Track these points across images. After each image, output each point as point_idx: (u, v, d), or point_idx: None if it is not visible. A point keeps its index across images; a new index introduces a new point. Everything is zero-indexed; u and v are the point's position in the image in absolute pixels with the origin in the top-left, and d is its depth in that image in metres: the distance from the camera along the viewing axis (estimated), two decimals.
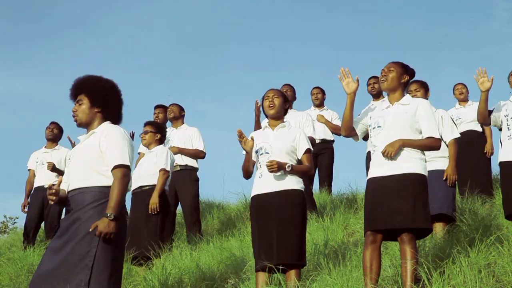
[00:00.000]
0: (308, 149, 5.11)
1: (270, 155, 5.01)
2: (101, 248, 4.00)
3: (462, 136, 8.45)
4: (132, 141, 4.32)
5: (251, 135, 5.24)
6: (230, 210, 9.47)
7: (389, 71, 4.71)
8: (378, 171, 4.58)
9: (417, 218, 4.40)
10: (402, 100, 4.71)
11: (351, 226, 7.29)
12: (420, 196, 4.46)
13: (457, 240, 5.70)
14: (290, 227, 4.88)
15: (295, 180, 5.01)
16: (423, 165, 4.58)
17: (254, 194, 5.07)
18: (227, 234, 7.68)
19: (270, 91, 5.25)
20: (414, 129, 4.60)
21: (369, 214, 4.55)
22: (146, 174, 6.84)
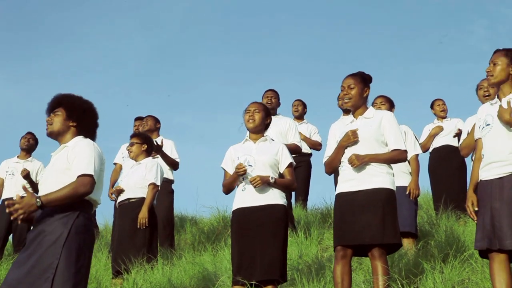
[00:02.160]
0: (291, 163, 5.16)
1: (254, 168, 5.04)
2: (63, 260, 3.97)
3: (438, 150, 8.62)
4: (102, 155, 4.30)
5: (230, 148, 5.27)
6: (203, 224, 9.45)
7: (350, 89, 4.71)
8: (346, 186, 4.61)
9: (387, 233, 4.44)
10: (365, 114, 4.75)
11: (325, 241, 7.32)
12: (389, 211, 4.50)
13: (431, 256, 5.76)
14: (273, 242, 4.90)
15: (279, 194, 5.04)
16: (391, 179, 4.62)
17: (237, 207, 5.09)
18: (200, 248, 7.66)
19: (252, 105, 5.29)
20: (379, 142, 4.64)
21: (338, 229, 4.58)
22: (134, 186, 6.82)
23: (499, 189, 4.05)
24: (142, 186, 6.78)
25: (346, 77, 4.77)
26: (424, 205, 9.25)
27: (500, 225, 3.96)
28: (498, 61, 4.25)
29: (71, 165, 4.15)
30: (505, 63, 4.24)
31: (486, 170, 4.18)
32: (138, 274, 6.25)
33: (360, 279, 5.24)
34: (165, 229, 7.77)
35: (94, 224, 8.60)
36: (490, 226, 4.03)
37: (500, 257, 4.01)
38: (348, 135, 4.60)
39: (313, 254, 6.57)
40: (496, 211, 4.01)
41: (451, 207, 7.78)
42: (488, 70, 4.29)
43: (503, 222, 3.96)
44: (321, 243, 7.29)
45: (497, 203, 4.03)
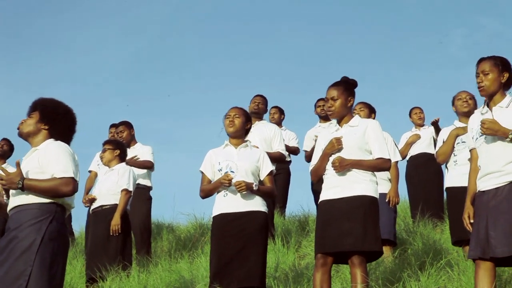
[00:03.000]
0: (271, 171, 5.20)
1: (236, 174, 5.04)
2: (37, 267, 3.95)
3: (415, 158, 8.68)
4: (75, 156, 4.29)
5: (210, 152, 5.26)
6: (180, 231, 9.42)
7: (334, 100, 4.71)
8: (330, 193, 4.63)
9: (367, 240, 4.45)
10: (351, 122, 4.76)
11: (303, 249, 7.33)
12: (370, 218, 4.52)
13: (408, 264, 5.79)
14: (253, 249, 4.91)
15: (261, 201, 5.06)
16: (374, 187, 4.65)
17: (218, 213, 5.08)
18: (176, 256, 7.63)
19: (232, 110, 5.30)
20: (364, 150, 4.66)
21: (319, 236, 4.59)
22: (107, 193, 6.79)
23: (495, 200, 4.06)
24: (114, 193, 6.77)
25: (330, 88, 4.76)
26: (401, 213, 9.29)
27: (494, 234, 3.98)
28: (489, 71, 4.19)
29: (47, 168, 4.14)
30: (496, 73, 4.20)
31: (483, 181, 4.18)
32: (114, 282, 6.22)
33: (338, 287, 5.26)
34: (142, 236, 7.75)
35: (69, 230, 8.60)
36: (484, 235, 4.04)
37: (486, 264, 4.04)
38: (333, 142, 4.63)
39: (290, 262, 6.58)
40: (491, 221, 4.02)
41: (428, 215, 7.83)
42: (480, 81, 4.22)
43: (497, 231, 3.97)
44: (298, 251, 7.30)
45: (493, 213, 4.04)
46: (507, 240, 3.93)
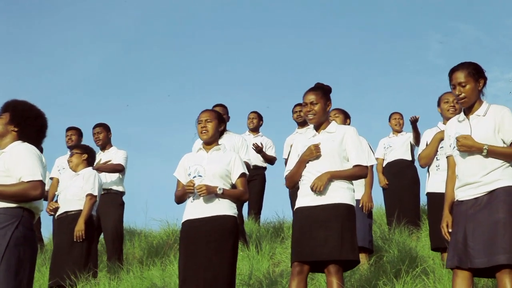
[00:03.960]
0: (243, 173, 5.12)
1: (203, 178, 4.99)
2: (2, 274, 3.89)
3: (391, 165, 8.71)
4: (42, 158, 4.24)
5: (184, 156, 5.23)
6: (153, 238, 9.35)
7: (313, 104, 4.71)
8: (306, 201, 4.61)
9: (344, 249, 4.44)
10: (328, 128, 4.76)
11: (277, 256, 7.31)
12: (347, 227, 4.51)
13: (383, 272, 5.80)
14: (220, 256, 4.86)
15: (228, 205, 5.00)
16: (351, 194, 4.64)
17: (185, 219, 5.04)
18: (148, 263, 7.58)
19: (203, 114, 5.23)
20: (342, 157, 4.66)
21: (296, 244, 4.58)
22: (72, 199, 6.72)
23: (474, 210, 4.06)
24: (80, 198, 6.70)
25: (307, 93, 4.76)
26: (377, 220, 9.33)
27: (473, 244, 3.97)
28: (465, 82, 4.16)
29: (13, 171, 4.08)
30: (473, 82, 4.17)
31: (461, 190, 4.18)
32: None
33: None
34: (113, 242, 7.67)
35: (38, 236, 8.50)
36: (462, 245, 4.03)
37: (464, 273, 4.03)
38: (311, 149, 4.61)
39: (264, 269, 6.56)
40: (469, 231, 4.02)
41: (404, 222, 7.85)
42: (459, 93, 4.19)
43: (476, 241, 3.97)
44: (273, 258, 7.28)
45: (471, 223, 4.04)
46: (485, 251, 3.93)
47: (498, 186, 4.05)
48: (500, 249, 3.88)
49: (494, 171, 4.08)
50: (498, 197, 4.02)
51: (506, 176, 4.08)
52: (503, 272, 3.90)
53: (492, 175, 4.07)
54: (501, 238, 3.91)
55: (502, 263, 3.87)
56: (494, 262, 3.90)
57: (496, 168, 4.08)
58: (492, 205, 4.01)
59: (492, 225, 3.96)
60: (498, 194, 4.03)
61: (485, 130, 4.13)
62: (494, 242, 3.92)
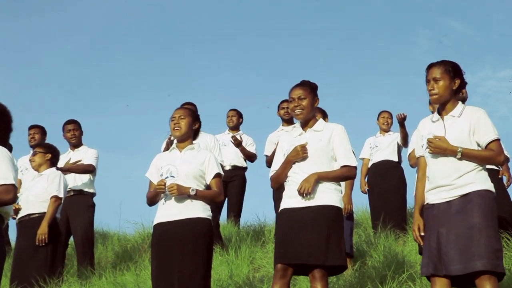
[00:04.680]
0: (218, 173, 5.10)
1: (176, 178, 4.97)
2: None
3: (377, 166, 8.74)
4: (14, 161, 4.21)
5: (156, 156, 5.21)
6: (127, 241, 9.32)
7: (301, 100, 4.71)
8: (292, 202, 4.61)
9: (331, 254, 4.43)
10: (315, 126, 4.76)
11: (258, 261, 7.31)
12: (334, 230, 4.51)
13: (368, 277, 5.82)
14: (193, 260, 4.83)
15: (202, 207, 4.98)
16: (339, 196, 4.64)
17: (156, 222, 5.02)
18: (122, 267, 7.55)
19: (177, 111, 5.22)
20: (329, 157, 4.66)
21: (279, 246, 4.57)
22: (35, 200, 6.66)
23: (446, 213, 4.08)
24: (44, 200, 6.65)
25: (294, 88, 4.76)
26: (362, 223, 9.37)
27: (446, 249, 3.99)
28: (440, 78, 4.22)
29: None
30: (447, 80, 4.23)
31: (432, 193, 4.20)
32: None
33: None
34: (84, 246, 7.63)
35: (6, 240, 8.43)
36: (436, 251, 4.05)
37: (442, 281, 4.04)
38: (297, 150, 4.61)
39: (244, 275, 6.56)
40: (443, 236, 4.04)
41: (390, 226, 7.89)
42: (431, 88, 4.24)
43: (449, 247, 3.99)
44: (253, 263, 7.29)
45: (444, 227, 4.06)
46: (461, 258, 3.95)
47: (471, 189, 4.07)
48: (476, 256, 3.90)
49: (467, 174, 4.11)
50: (472, 201, 4.04)
51: (479, 180, 4.11)
52: (482, 279, 3.92)
53: (465, 178, 4.10)
54: (476, 244, 3.93)
55: (479, 269, 3.89)
56: (470, 269, 3.91)
57: (469, 171, 4.11)
58: (467, 210, 4.03)
59: (467, 231, 3.98)
60: (472, 198, 4.05)
61: (459, 132, 4.16)
62: (469, 248, 3.94)
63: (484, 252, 3.90)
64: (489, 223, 3.99)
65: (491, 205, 4.07)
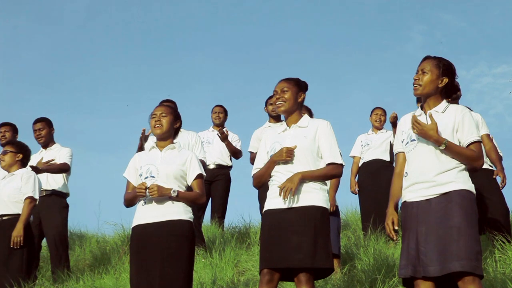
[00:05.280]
0: (200, 174, 5.09)
1: (156, 179, 4.96)
2: None
3: (367, 165, 8.75)
4: None
5: (135, 156, 5.19)
6: (105, 243, 9.30)
7: (283, 92, 4.75)
8: (276, 203, 4.60)
9: (318, 256, 4.43)
10: (300, 122, 4.77)
11: (242, 264, 7.31)
12: (321, 231, 4.51)
13: (357, 281, 5.83)
14: (175, 264, 4.82)
15: (183, 209, 4.97)
16: (325, 196, 4.64)
17: (136, 224, 4.99)
18: (100, 270, 7.53)
19: (158, 108, 5.20)
20: (315, 155, 4.66)
21: (265, 250, 4.56)
22: (8, 201, 6.62)
23: (426, 212, 4.10)
24: (17, 200, 6.61)
25: (280, 81, 4.81)
26: (351, 225, 9.39)
27: (425, 250, 4.01)
28: (428, 71, 4.29)
29: None
30: (435, 74, 4.29)
31: (411, 191, 4.23)
32: None
33: None
34: (57, 249, 7.58)
35: None
36: (414, 251, 4.07)
37: (425, 284, 4.06)
38: (282, 152, 4.61)
39: (228, 278, 6.56)
40: (422, 236, 4.06)
41: (381, 228, 7.90)
42: (416, 78, 4.31)
43: (428, 247, 4.00)
44: (237, 266, 7.28)
45: (423, 226, 4.08)
46: (439, 258, 3.96)
47: (452, 188, 4.11)
48: (454, 256, 3.93)
49: (449, 172, 4.14)
50: (453, 200, 4.07)
51: (460, 179, 4.14)
52: (464, 281, 3.93)
53: (446, 175, 4.13)
54: (455, 245, 3.95)
55: (457, 270, 3.90)
56: (448, 270, 3.93)
57: (450, 169, 4.15)
58: (447, 209, 4.05)
59: (446, 231, 4.00)
60: (452, 198, 4.08)
61: (443, 127, 4.20)
62: (448, 248, 3.96)
63: (464, 253, 3.93)
64: (469, 224, 4.02)
65: (472, 206, 4.11)
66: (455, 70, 4.38)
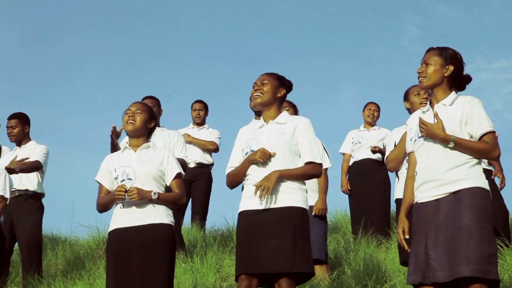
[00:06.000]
0: (179, 173, 5.06)
1: (134, 181, 4.92)
2: None
3: (358, 164, 8.74)
4: None
5: (107, 158, 5.14)
6: (79, 247, 9.26)
7: (263, 84, 4.74)
8: (252, 204, 4.58)
9: (297, 260, 4.42)
10: (278, 118, 4.76)
11: (225, 269, 7.31)
12: (301, 234, 4.50)
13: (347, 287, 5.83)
14: (155, 270, 4.80)
15: (164, 212, 4.95)
16: (304, 196, 4.64)
17: (113, 228, 4.97)
18: (73, 276, 7.50)
19: (133, 105, 5.17)
20: (293, 153, 4.65)
21: (242, 254, 4.54)
22: None
23: (435, 214, 4.08)
24: None
25: (261, 75, 4.83)
26: (341, 228, 9.39)
27: (434, 254, 3.98)
28: (431, 61, 4.30)
29: None
30: (438, 63, 4.29)
31: (420, 191, 4.21)
32: None
33: None
34: (30, 252, 7.53)
35: None
36: (423, 256, 4.04)
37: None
38: (258, 152, 4.58)
39: (210, 284, 6.55)
40: (431, 240, 4.03)
41: (372, 231, 7.91)
42: (420, 71, 4.32)
43: (437, 251, 3.98)
44: (220, 271, 7.28)
45: (432, 230, 4.05)
46: (448, 262, 3.94)
47: (462, 187, 4.08)
48: (464, 260, 3.89)
49: (459, 168, 4.12)
50: (463, 200, 4.04)
51: (471, 176, 4.12)
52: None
53: (456, 172, 4.11)
54: (465, 248, 3.92)
55: (466, 275, 3.87)
56: (457, 275, 3.89)
57: (461, 165, 4.13)
58: (456, 209, 4.03)
59: (455, 232, 3.97)
60: (462, 197, 4.05)
61: (450, 121, 4.19)
62: (458, 252, 3.92)
63: (474, 256, 3.89)
64: (480, 225, 3.98)
65: (484, 205, 4.07)
66: (462, 58, 4.36)
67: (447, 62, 4.29)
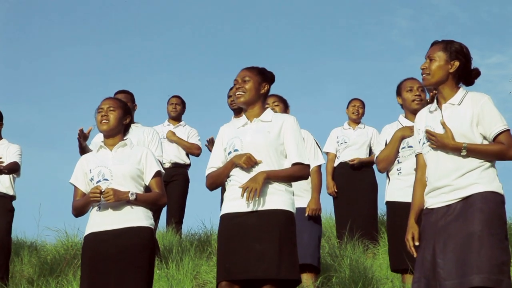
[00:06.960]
0: (158, 171, 5.07)
1: (111, 182, 4.93)
2: None
3: (344, 165, 8.78)
4: None
5: (81, 159, 5.15)
6: (46, 252, 9.23)
7: (244, 82, 4.75)
8: (235, 206, 4.61)
9: (283, 266, 4.44)
10: (262, 116, 4.78)
11: (202, 276, 7.32)
12: (287, 239, 4.53)
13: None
14: (133, 276, 4.82)
15: (143, 214, 4.96)
16: (291, 199, 4.66)
17: (90, 231, 4.97)
18: (40, 283, 7.48)
19: (105, 102, 5.16)
20: (279, 153, 4.67)
21: (223, 259, 4.56)
22: None
23: (444, 220, 4.09)
24: None
25: (241, 71, 4.83)
26: (326, 232, 9.43)
27: (443, 262, 3.99)
28: (435, 56, 4.27)
29: None
30: (443, 59, 4.27)
31: (431, 196, 4.21)
32: None
33: None
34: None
35: None
36: (430, 264, 4.05)
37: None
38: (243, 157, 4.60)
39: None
40: (439, 247, 4.03)
41: (358, 235, 7.94)
42: (424, 67, 4.30)
43: (446, 258, 3.99)
44: (197, 278, 7.29)
45: (441, 236, 4.05)
46: (457, 271, 3.94)
47: (473, 191, 4.07)
48: (474, 269, 3.88)
49: (471, 173, 4.11)
50: (474, 204, 4.03)
51: (484, 180, 4.11)
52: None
53: (468, 177, 4.11)
54: (475, 255, 3.91)
55: (476, 285, 3.87)
56: (467, 284, 3.89)
57: (473, 169, 4.12)
58: (467, 215, 4.02)
59: (465, 239, 3.97)
60: (473, 201, 4.04)
61: (459, 123, 4.18)
62: (468, 259, 3.92)
63: (485, 265, 3.89)
64: (492, 231, 3.98)
65: (496, 210, 4.06)
66: (468, 52, 4.34)
67: (452, 58, 4.26)
